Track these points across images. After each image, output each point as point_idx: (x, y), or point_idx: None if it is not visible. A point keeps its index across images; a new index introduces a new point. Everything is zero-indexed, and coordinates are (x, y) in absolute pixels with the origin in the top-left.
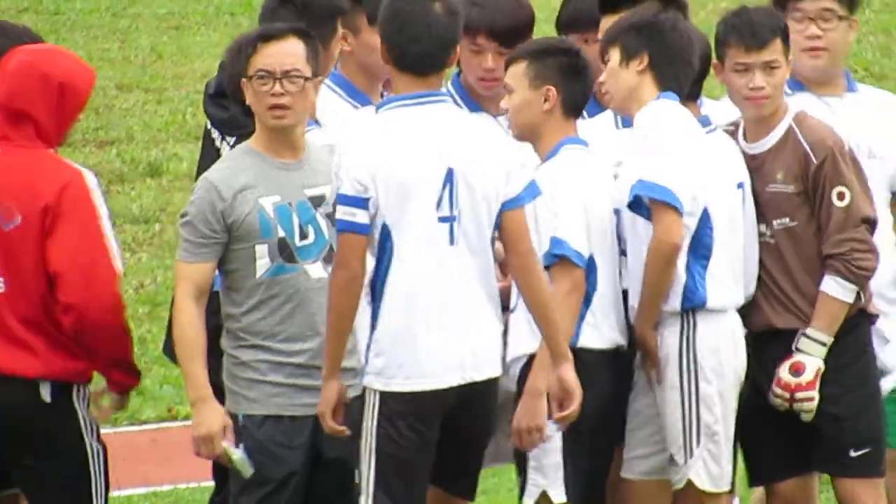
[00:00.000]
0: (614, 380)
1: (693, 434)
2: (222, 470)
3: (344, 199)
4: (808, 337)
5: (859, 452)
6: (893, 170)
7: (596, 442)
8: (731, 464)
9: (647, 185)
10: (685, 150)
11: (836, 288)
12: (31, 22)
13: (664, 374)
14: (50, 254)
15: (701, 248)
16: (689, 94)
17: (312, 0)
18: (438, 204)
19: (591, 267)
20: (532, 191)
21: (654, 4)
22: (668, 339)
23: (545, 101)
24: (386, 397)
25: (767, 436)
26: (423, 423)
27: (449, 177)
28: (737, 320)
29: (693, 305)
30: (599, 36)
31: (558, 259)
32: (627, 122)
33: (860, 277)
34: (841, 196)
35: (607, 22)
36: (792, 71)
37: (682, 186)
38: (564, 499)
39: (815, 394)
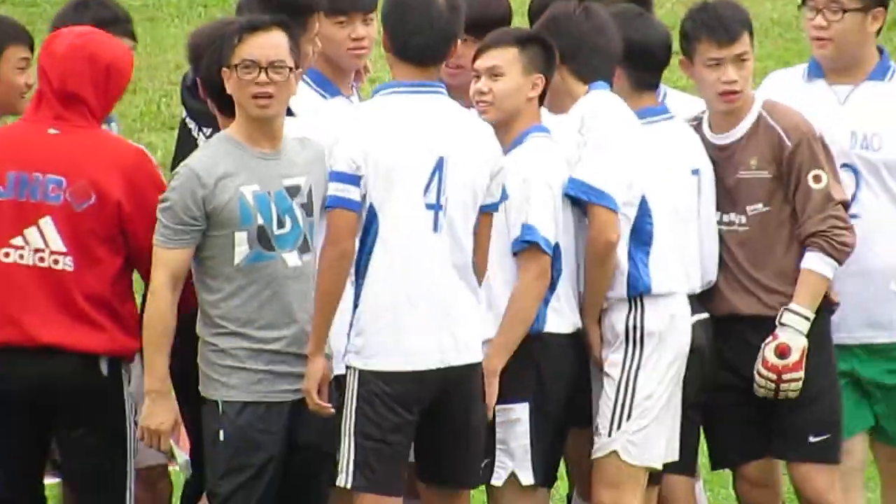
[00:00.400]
0: (576, 361)
1: (625, 409)
2: (199, 454)
3: (337, 176)
4: (792, 311)
5: (818, 438)
6: (884, 159)
7: (561, 421)
8: (665, 442)
9: (579, 184)
10: (618, 141)
11: (819, 263)
12: (8, 14)
13: (609, 354)
14: (149, 238)
15: (642, 235)
16: (649, 84)
17: (284, 0)
18: (426, 191)
19: (556, 254)
20: (504, 196)
21: None
22: (617, 325)
23: (533, 88)
24: (365, 376)
25: (732, 420)
26: (402, 404)
27: (439, 165)
28: (684, 303)
29: (638, 292)
30: None
31: (528, 245)
32: None
33: (842, 253)
34: (817, 179)
35: None
36: (813, 59)
37: (615, 181)
38: (532, 481)
39: (801, 374)
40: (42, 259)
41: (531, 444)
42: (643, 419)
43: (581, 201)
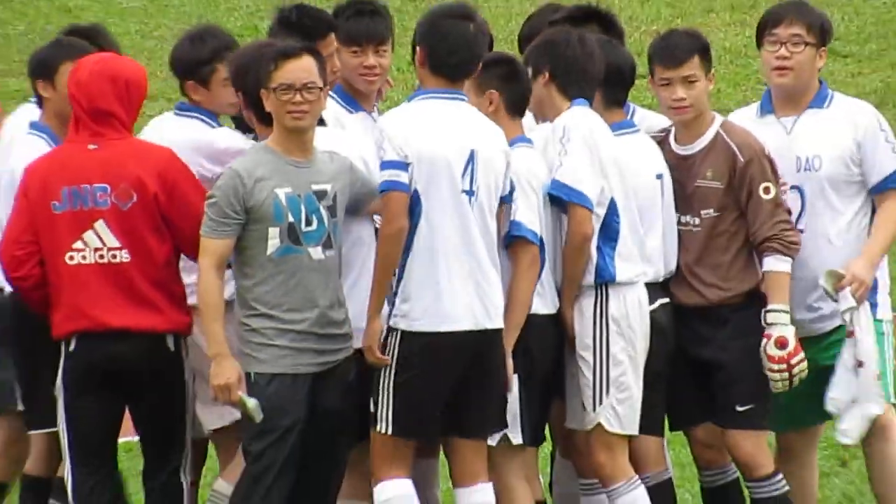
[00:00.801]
0: (558, 337)
1: (603, 386)
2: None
3: (389, 164)
4: (773, 311)
5: (745, 408)
6: (826, 176)
7: (545, 389)
8: (640, 411)
9: (559, 185)
10: (594, 150)
11: (777, 263)
12: None
13: (581, 336)
14: (186, 223)
15: (610, 231)
16: (617, 101)
17: (306, 25)
18: (462, 178)
19: (541, 245)
20: (513, 188)
21: (594, 28)
22: (586, 309)
23: (490, 103)
24: (408, 336)
25: (682, 390)
26: (438, 362)
27: (471, 157)
28: (643, 290)
29: (604, 280)
30: None
31: (517, 239)
32: None
33: (793, 250)
34: (767, 190)
35: None
36: (765, 97)
37: (590, 183)
38: (521, 441)
39: (804, 355)
40: (102, 256)
41: (520, 410)
42: (620, 393)
43: (561, 200)
